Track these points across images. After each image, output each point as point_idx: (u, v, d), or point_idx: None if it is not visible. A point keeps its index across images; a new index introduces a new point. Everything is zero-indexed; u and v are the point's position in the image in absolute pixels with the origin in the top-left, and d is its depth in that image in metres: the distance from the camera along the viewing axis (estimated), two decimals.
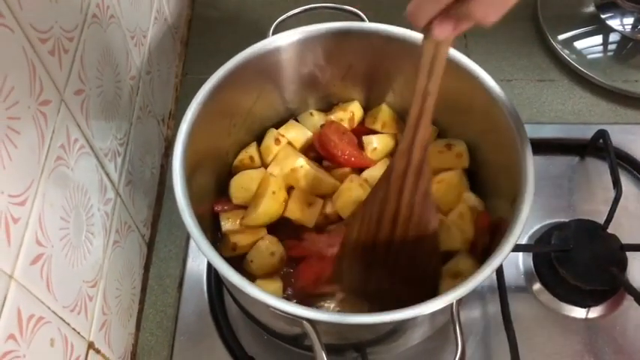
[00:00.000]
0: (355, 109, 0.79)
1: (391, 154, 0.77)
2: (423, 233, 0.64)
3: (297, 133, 0.77)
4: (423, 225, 0.63)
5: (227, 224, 0.72)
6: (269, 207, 0.70)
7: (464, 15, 0.46)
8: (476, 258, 0.67)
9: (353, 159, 0.74)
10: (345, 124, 0.77)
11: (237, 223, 0.72)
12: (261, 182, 0.72)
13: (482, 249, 0.67)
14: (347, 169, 0.75)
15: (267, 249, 0.70)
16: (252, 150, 0.76)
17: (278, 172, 0.73)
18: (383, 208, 0.63)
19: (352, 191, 0.71)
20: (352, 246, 0.67)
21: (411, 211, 0.63)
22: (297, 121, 0.80)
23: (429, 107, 0.56)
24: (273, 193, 0.70)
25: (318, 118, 0.79)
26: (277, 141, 0.75)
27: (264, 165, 0.75)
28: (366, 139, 0.77)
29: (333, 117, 0.78)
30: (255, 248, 0.70)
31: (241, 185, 0.73)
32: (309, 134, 0.77)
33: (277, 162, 0.74)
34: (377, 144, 0.76)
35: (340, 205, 0.71)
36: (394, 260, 0.66)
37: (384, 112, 0.78)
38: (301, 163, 0.72)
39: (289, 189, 0.73)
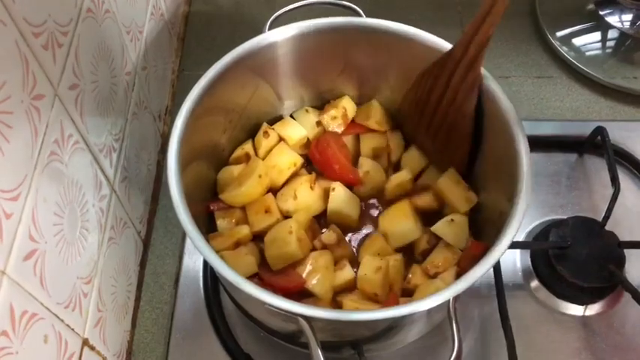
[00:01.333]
0: (347, 105, 0.78)
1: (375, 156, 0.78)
2: (460, 119, 0.69)
3: (291, 131, 0.76)
4: (461, 112, 0.68)
5: (223, 224, 0.71)
6: (252, 188, 0.70)
7: None
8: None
9: (344, 171, 0.74)
10: (339, 121, 0.77)
11: (233, 222, 0.71)
12: (250, 164, 0.73)
13: None
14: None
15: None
16: (247, 146, 0.76)
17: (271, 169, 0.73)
18: (435, 83, 0.69)
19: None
20: (409, 102, 0.75)
21: (455, 95, 0.68)
22: (292, 117, 0.79)
23: (497, 10, 0.60)
24: (260, 176, 0.71)
25: (313, 116, 0.78)
26: (266, 134, 0.75)
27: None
28: (363, 160, 0.76)
29: (326, 115, 0.77)
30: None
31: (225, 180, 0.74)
32: (303, 132, 0.77)
33: (271, 157, 0.74)
34: (370, 169, 0.76)
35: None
36: (435, 131, 0.73)
37: (376, 109, 0.78)
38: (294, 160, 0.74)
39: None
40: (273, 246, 0.68)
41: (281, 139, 0.76)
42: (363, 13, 0.72)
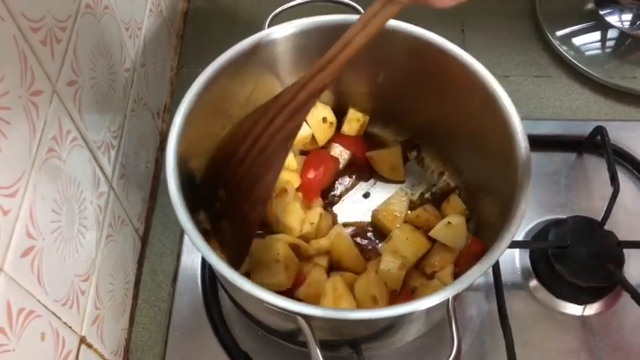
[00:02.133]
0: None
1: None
2: (263, 175, 0.63)
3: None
4: (267, 166, 0.63)
5: None
6: None
7: None
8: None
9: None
10: (356, 126, 0.79)
11: None
12: None
13: None
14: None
15: None
16: None
17: None
18: (252, 128, 0.64)
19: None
20: (221, 148, 0.68)
21: (267, 145, 0.62)
22: None
23: (343, 58, 0.57)
24: None
25: (321, 109, 0.78)
26: None
27: None
28: None
29: (350, 112, 0.79)
30: None
31: None
32: (307, 130, 0.77)
33: None
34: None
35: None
36: (236, 184, 0.66)
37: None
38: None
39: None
40: (259, 273, 0.65)
41: None
42: (362, 11, 0.72)
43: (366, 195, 0.80)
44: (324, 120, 0.77)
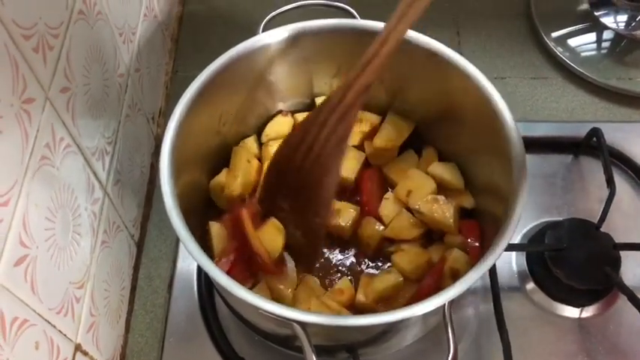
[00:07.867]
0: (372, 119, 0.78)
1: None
2: (322, 179, 0.62)
3: None
4: (325, 170, 0.62)
5: None
6: (247, 174, 0.72)
7: None
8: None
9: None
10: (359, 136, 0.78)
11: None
12: (234, 155, 0.75)
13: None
14: None
15: None
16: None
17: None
18: (304, 136, 0.62)
19: None
20: (273, 164, 0.67)
21: (322, 150, 0.61)
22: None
23: (384, 54, 0.56)
24: (248, 161, 0.73)
25: None
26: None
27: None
28: None
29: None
30: None
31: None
32: None
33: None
34: None
35: None
36: (295, 193, 0.66)
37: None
38: None
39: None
40: None
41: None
42: (357, 15, 0.71)
43: None
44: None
